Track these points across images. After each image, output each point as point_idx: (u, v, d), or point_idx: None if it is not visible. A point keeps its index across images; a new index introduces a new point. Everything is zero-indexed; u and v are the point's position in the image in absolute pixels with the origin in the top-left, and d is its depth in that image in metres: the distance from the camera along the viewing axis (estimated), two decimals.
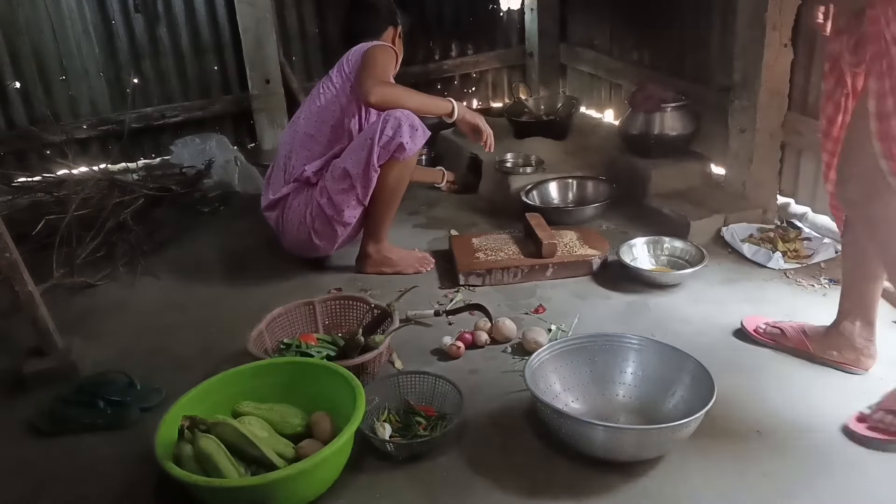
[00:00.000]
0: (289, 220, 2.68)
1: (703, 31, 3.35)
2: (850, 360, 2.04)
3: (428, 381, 1.98)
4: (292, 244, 2.75)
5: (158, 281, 2.83)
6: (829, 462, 1.72)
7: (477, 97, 4.87)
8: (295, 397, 1.88)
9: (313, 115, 2.70)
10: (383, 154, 2.52)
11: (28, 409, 2.05)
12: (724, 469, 1.71)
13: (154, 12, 3.92)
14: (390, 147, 2.51)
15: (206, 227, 3.25)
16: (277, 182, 2.73)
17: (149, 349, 2.36)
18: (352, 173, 2.55)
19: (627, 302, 2.49)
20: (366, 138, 2.55)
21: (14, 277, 2.10)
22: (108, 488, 1.77)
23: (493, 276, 2.64)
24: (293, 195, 2.68)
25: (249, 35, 4.02)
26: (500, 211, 3.27)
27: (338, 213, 2.59)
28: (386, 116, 2.51)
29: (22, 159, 3.84)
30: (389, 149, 2.51)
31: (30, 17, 3.67)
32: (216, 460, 1.59)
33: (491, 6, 4.68)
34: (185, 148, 3.75)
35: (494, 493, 1.68)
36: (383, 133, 2.50)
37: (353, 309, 2.32)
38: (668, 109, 3.17)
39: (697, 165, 3.24)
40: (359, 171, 2.54)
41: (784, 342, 2.13)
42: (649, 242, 2.76)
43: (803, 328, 2.14)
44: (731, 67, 2.99)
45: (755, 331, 2.20)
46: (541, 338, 2.18)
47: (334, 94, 2.68)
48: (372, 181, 2.56)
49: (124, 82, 3.96)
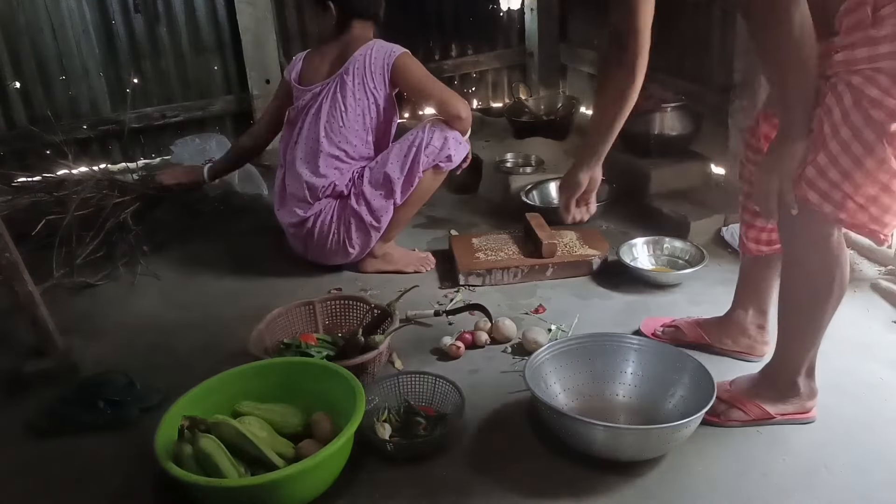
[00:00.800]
0: (320, 234, 2.65)
1: (703, 31, 3.35)
2: (744, 347, 2.07)
3: (428, 381, 1.98)
4: (321, 255, 2.72)
5: (158, 281, 2.82)
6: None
7: (477, 97, 4.87)
8: (295, 397, 1.88)
9: (337, 136, 2.60)
10: (429, 162, 2.56)
11: (28, 409, 2.05)
12: (724, 469, 1.71)
13: (154, 12, 3.92)
14: (438, 157, 2.57)
15: (206, 228, 3.24)
16: (304, 200, 2.64)
17: (149, 349, 2.36)
18: (393, 178, 2.56)
19: (627, 302, 2.48)
20: (410, 145, 2.56)
21: (14, 277, 2.10)
22: (108, 488, 1.77)
23: (493, 276, 2.64)
24: (325, 210, 2.64)
25: (249, 35, 4.01)
26: (500, 211, 3.27)
27: (376, 219, 2.61)
28: (432, 127, 2.56)
29: (22, 159, 3.84)
30: (436, 159, 2.57)
31: (30, 17, 3.67)
32: (216, 460, 1.59)
33: (491, 6, 4.67)
34: (185, 148, 3.75)
35: (494, 493, 1.68)
36: (430, 143, 2.55)
37: (353, 309, 2.32)
38: (668, 109, 3.17)
39: (697, 165, 3.24)
40: (402, 177, 2.56)
41: (683, 338, 2.15)
42: (649, 242, 2.76)
43: (698, 321, 2.16)
44: (731, 67, 2.99)
45: (653, 334, 2.21)
46: (540, 338, 2.18)
47: (368, 107, 2.61)
48: (413, 187, 2.59)
49: (124, 82, 3.96)
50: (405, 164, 2.56)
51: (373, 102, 2.62)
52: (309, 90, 2.66)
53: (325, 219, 2.63)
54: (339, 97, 2.60)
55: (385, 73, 2.60)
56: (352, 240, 2.64)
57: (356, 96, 2.60)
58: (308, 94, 2.66)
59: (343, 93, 2.60)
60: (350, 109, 2.60)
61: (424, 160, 2.56)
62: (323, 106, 2.62)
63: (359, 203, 2.60)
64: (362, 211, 2.60)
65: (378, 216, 2.61)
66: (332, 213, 2.63)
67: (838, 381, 2.00)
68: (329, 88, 2.62)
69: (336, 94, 2.61)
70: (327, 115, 2.61)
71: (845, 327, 2.25)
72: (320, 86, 2.64)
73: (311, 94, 2.66)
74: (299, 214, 2.65)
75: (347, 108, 2.60)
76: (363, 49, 2.61)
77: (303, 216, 2.65)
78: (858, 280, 2.52)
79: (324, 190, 2.62)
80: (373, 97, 2.61)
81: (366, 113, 2.62)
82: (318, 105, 2.63)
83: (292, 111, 2.73)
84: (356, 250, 2.68)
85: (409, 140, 2.59)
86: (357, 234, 2.64)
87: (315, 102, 2.64)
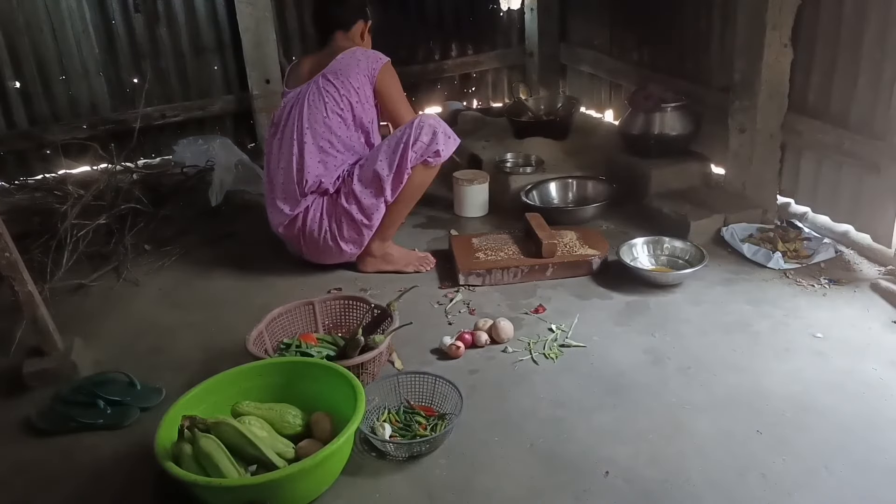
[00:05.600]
0: (311, 232, 2.65)
1: (703, 31, 3.35)
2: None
3: (428, 381, 1.98)
4: (316, 254, 2.73)
5: (158, 281, 2.82)
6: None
7: (477, 97, 4.87)
8: (295, 397, 1.88)
9: (320, 128, 2.62)
10: (417, 159, 2.57)
11: (28, 408, 2.05)
12: (724, 469, 1.71)
13: (154, 12, 3.93)
14: (426, 153, 2.57)
15: (206, 228, 3.24)
16: (292, 197, 2.65)
17: (149, 349, 2.36)
18: (382, 176, 2.57)
19: (627, 302, 2.49)
20: (398, 142, 2.57)
21: (14, 277, 2.10)
22: (107, 488, 1.77)
23: (493, 276, 2.64)
24: (312, 207, 2.65)
25: (249, 35, 4.02)
26: (500, 211, 3.27)
27: (367, 216, 2.61)
28: (420, 123, 2.57)
29: (22, 159, 3.84)
30: (424, 154, 2.57)
31: (30, 17, 3.67)
32: (216, 460, 1.59)
33: (491, 6, 4.68)
34: (188, 148, 3.74)
35: (494, 493, 1.68)
36: (418, 139, 2.55)
37: (353, 309, 2.32)
38: (668, 109, 3.17)
39: (697, 165, 3.24)
40: (391, 173, 2.57)
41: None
42: (649, 242, 2.76)
43: None
44: (731, 67, 2.99)
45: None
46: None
47: (350, 99, 2.63)
48: (402, 183, 2.59)
49: (124, 82, 3.96)
50: (393, 160, 2.57)
51: (355, 97, 2.64)
52: (292, 91, 2.71)
53: (314, 216, 2.65)
54: (322, 92, 2.63)
55: (372, 77, 2.64)
56: (344, 238, 2.64)
57: (339, 91, 2.62)
58: (291, 94, 2.70)
59: (326, 89, 2.63)
60: (332, 102, 2.62)
61: (412, 156, 2.56)
62: (305, 103, 2.65)
63: (349, 202, 2.61)
64: (353, 209, 2.61)
65: (369, 214, 2.61)
66: (320, 211, 2.64)
67: (838, 381, 2.01)
68: (311, 87, 2.65)
69: (318, 90, 2.64)
70: (310, 110, 2.63)
71: (845, 327, 2.26)
72: (303, 86, 2.68)
73: (293, 94, 2.69)
74: (287, 213, 2.67)
75: (329, 102, 2.62)
76: (347, 52, 2.66)
77: (290, 214, 2.66)
78: (858, 280, 2.52)
79: (311, 186, 2.63)
80: (355, 93, 2.63)
81: (348, 105, 2.63)
82: (300, 103, 2.66)
83: (276, 113, 2.77)
84: (350, 248, 2.68)
85: (396, 136, 2.60)
86: (349, 232, 2.64)
87: (297, 102, 2.67)
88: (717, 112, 3.17)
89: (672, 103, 3.18)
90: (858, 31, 2.54)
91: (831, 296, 2.45)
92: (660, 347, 2.21)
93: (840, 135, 2.65)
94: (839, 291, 2.47)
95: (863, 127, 2.59)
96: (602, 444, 1.81)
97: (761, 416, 1.88)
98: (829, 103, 2.72)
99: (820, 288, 2.50)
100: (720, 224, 2.89)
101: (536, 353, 2.21)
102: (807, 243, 2.75)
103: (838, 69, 2.66)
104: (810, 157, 2.86)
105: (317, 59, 2.72)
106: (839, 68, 2.65)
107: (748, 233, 2.82)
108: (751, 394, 1.97)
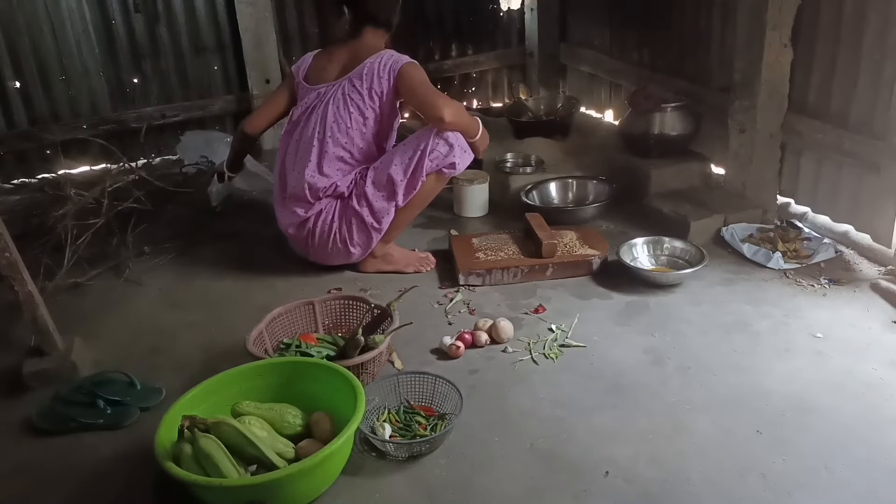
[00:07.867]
0: (321, 234, 2.65)
1: (703, 31, 3.35)
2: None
3: (428, 381, 1.98)
4: (323, 255, 2.72)
5: (158, 281, 2.82)
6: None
7: (477, 97, 4.87)
8: (295, 397, 1.88)
9: (343, 138, 2.59)
10: (432, 167, 2.57)
11: (28, 408, 2.05)
12: (724, 469, 1.71)
13: (154, 12, 3.93)
14: (442, 163, 2.58)
15: (206, 227, 3.24)
16: (304, 200, 2.63)
17: (149, 349, 2.36)
18: (396, 180, 2.56)
19: (627, 302, 2.49)
20: (416, 148, 2.56)
21: (14, 277, 2.10)
22: (107, 488, 1.77)
23: (493, 276, 2.64)
24: (325, 210, 2.64)
25: (249, 35, 4.02)
26: (500, 211, 3.27)
27: (377, 220, 2.61)
28: (439, 133, 2.56)
29: (22, 159, 3.84)
30: (440, 164, 2.58)
31: (30, 17, 3.67)
32: (216, 460, 1.59)
33: (491, 6, 4.68)
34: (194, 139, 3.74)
35: (494, 493, 1.68)
36: (436, 149, 2.55)
37: (353, 309, 2.32)
38: (668, 109, 3.17)
39: (697, 165, 3.24)
40: (405, 179, 2.57)
41: None
42: (649, 242, 2.76)
43: None
44: (731, 67, 2.99)
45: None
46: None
47: (374, 110, 2.60)
48: (416, 190, 2.59)
49: (124, 82, 3.96)
50: (409, 166, 2.57)
51: (379, 107, 2.61)
52: (314, 90, 2.66)
53: (325, 218, 2.63)
54: (347, 100, 2.59)
55: (391, 79, 2.59)
56: (353, 240, 2.64)
57: (364, 101, 2.59)
58: (313, 93, 2.66)
59: (351, 96, 2.59)
60: (357, 112, 2.60)
61: (429, 164, 2.56)
62: (329, 107, 2.61)
63: (360, 204, 2.60)
64: (364, 212, 2.60)
65: (379, 217, 2.61)
66: (332, 213, 2.63)
67: (838, 380, 2.01)
68: (336, 90, 2.61)
69: (343, 96, 2.60)
70: (333, 116, 2.60)
71: (845, 327, 2.26)
72: (326, 87, 2.63)
73: (315, 94, 2.65)
74: (300, 214, 2.65)
75: (353, 112, 2.59)
76: (374, 57, 2.60)
77: (303, 216, 2.64)
78: (858, 280, 2.53)
79: (325, 190, 2.62)
80: (378, 101, 2.61)
81: (372, 117, 2.62)
82: (323, 106, 2.62)
83: (296, 111, 2.72)
84: (357, 251, 2.67)
85: (414, 143, 2.59)
86: (358, 234, 2.64)
87: (320, 103, 2.63)
88: (717, 112, 3.17)
89: (672, 103, 3.18)
90: (858, 31, 2.54)
91: (831, 296, 2.45)
92: (660, 347, 2.21)
93: (840, 135, 2.65)
94: (839, 291, 2.47)
95: (863, 127, 2.59)
96: (602, 444, 1.81)
97: (761, 416, 1.88)
98: (829, 103, 2.72)
99: (820, 288, 2.50)
100: (720, 224, 2.89)
101: (536, 353, 2.21)
102: (807, 243, 2.75)
103: (838, 69, 2.66)
104: (810, 157, 2.86)
105: (344, 55, 2.65)
106: (839, 68, 2.65)
107: (748, 233, 2.82)
108: (751, 394, 1.97)
